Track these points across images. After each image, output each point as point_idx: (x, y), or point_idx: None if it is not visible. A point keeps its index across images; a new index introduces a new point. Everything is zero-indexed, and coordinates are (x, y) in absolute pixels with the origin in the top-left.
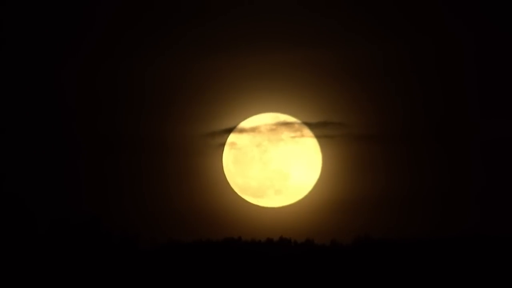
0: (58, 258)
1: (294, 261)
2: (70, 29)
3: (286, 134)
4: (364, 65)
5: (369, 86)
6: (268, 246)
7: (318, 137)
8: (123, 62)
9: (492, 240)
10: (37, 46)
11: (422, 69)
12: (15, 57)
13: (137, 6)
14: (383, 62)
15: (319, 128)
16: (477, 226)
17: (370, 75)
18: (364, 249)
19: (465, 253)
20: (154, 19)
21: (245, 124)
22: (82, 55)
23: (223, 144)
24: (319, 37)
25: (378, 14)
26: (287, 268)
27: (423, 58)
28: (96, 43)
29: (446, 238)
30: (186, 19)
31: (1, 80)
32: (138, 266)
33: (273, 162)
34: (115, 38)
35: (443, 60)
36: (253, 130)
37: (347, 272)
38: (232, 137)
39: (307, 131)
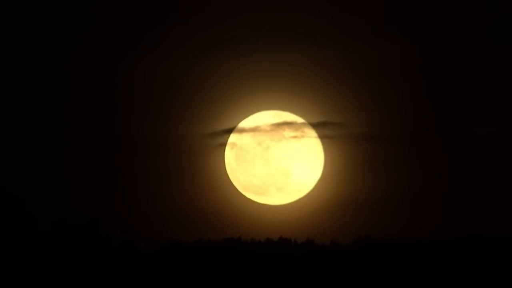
0: (59, 258)
1: (294, 261)
2: (70, 30)
3: (287, 132)
4: (366, 65)
5: (371, 86)
6: (268, 246)
7: (319, 137)
8: (123, 62)
9: (492, 240)
10: (37, 46)
11: (424, 69)
12: (15, 58)
13: (137, 6)
14: (385, 62)
15: (320, 128)
16: (478, 226)
17: (372, 74)
18: (364, 249)
19: (465, 253)
20: (154, 19)
21: (246, 123)
22: (82, 56)
23: (224, 143)
24: (322, 36)
25: (382, 13)
26: (287, 268)
27: (426, 58)
28: (96, 43)
29: (446, 238)
30: (186, 19)
31: (1, 80)
32: (138, 266)
33: (275, 160)
34: (115, 38)
35: (446, 60)
36: (253, 130)
37: (347, 272)
38: (234, 136)
39: (308, 131)
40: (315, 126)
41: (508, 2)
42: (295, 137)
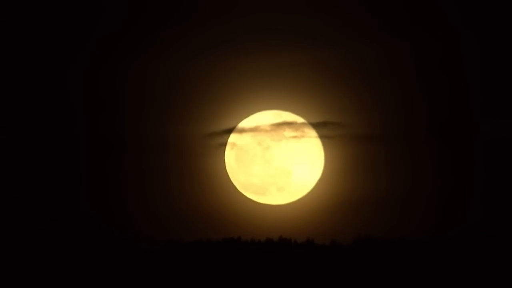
0: (59, 258)
1: (294, 261)
2: (72, 30)
3: (288, 132)
4: (366, 65)
5: (371, 86)
6: (268, 246)
7: (319, 137)
8: (124, 62)
9: (492, 239)
10: (39, 46)
11: (424, 69)
12: (18, 57)
13: (137, 7)
14: (386, 62)
15: (320, 128)
16: (477, 226)
17: (372, 75)
18: (364, 249)
19: (465, 253)
20: (154, 19)
21: (246, 123)
22: (83, 56)
23: (224, 143)
24: (322, 36)
25: (382, 14)
26: (287, 268)
27: (425, 58)
28: (98, 44)
29: (445, 238)
30: (187, 19)
31: (3, 79)
32: (138, 266)
33: (275, 160)
34: (116, 38)
35: (446, 60)
36: (253, 130)
37: (347, 272)
38: (234, 136)
39: (308, 130)
40: (315, 126)
41: (504, 2)
42: (295, 137)
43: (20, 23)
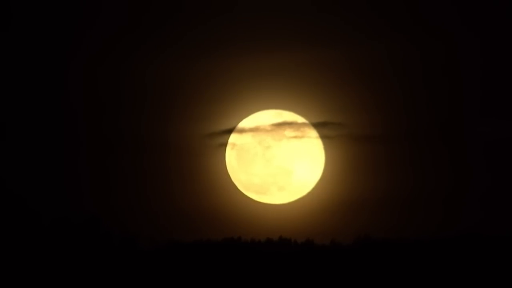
0: (59, 257)
1: (294, 261)
2: (72, 30)
3: (288, 132)
4: (367, 65)
5: (372, 86)
6: (268, 246)
7: (319, 137)
8: (124, 62)
9: (492, 240)
10: (39, 47)
11: (425, 70)
12: (18, 58)
13: (138, 7)
14: (386, 62)
15: (320, 128)
16: (477, 226)
17: (373, 75)
18: (364, 249)
19: (465, 253)
20: (155, 20)
21: (246, 122)
22: (84, 56)
23: (225, 143)
24: (323, 36)
25: (383, 14)
26: (287, 268)
27: (426, 58)
28: (98, 44)
29: (445, 238)
30: (187, 19)
31: (4, 79)
32: (138, 266)
33: (276, 159)
34: (116, 39)
35: (447, 61)
36: (253, 130)
37: (347, 272)
38: (234, 136)
39: (309, 130)
40: (316, 126)
41: (503, 3)
42: (295, 136)
43: (20, 24)
